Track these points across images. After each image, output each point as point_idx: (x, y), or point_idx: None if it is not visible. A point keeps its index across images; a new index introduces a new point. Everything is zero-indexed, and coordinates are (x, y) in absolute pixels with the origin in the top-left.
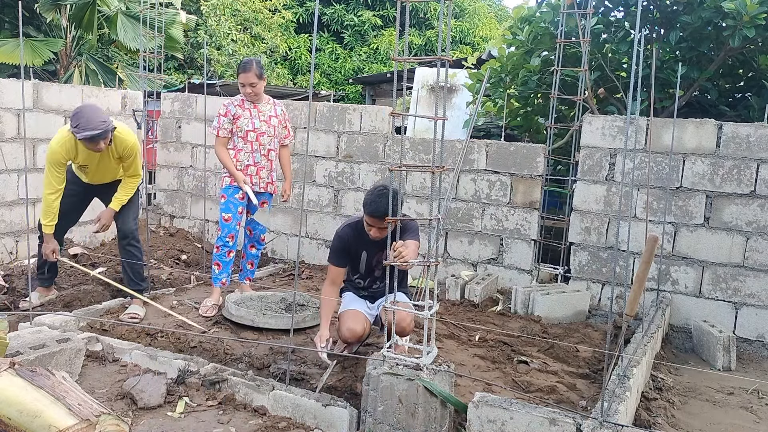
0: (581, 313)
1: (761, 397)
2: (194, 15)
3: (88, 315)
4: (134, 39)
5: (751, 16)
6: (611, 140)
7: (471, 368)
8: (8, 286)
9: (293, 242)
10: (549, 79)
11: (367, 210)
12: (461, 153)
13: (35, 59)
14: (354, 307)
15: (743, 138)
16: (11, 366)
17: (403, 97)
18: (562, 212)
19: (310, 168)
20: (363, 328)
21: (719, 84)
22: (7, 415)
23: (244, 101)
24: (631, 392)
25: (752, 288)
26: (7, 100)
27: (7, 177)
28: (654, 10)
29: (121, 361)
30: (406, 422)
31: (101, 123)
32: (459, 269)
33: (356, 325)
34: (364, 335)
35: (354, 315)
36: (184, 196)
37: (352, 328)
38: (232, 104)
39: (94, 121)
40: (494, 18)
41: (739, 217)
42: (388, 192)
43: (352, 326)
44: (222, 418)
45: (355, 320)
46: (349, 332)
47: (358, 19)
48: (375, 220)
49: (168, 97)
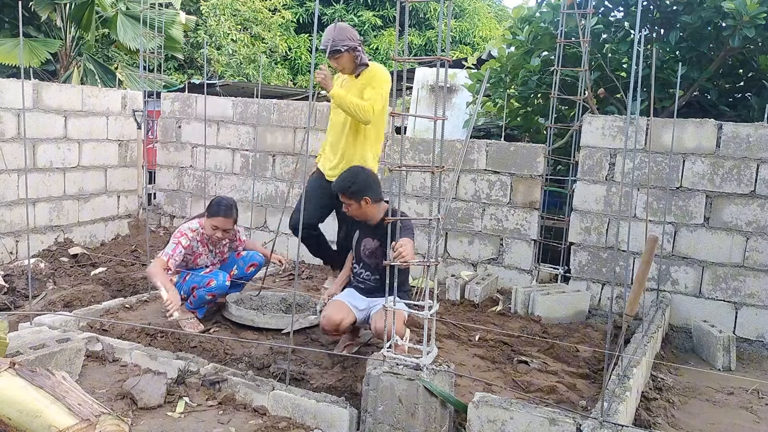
0: (581, 313)
1: (761, 397)
2: (194, 15)
3: (88, 315)
4: (134, 39)
5: (751, 16)
6: (611, 140)
7: (471, 368)
8: (8, 286)
9: (293, 242)
10: (549, 79)
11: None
12: (461, 153)
13: (34, 59)
14: (340, 298)
15: (743, 138)
16: (11, 366)
17: (403, 97)
18: (562, 212)
19: (310, 168)
20: (341, 318)
21: (719, 84)
22: (7, 415)
23: (204, 236)
24: (631, 392)
25: (752, 288)
26: (7, 100)
27: (7, 177)
28: (654, 10)
29: (121, 361)
30: (406, 422)
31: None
32: (459, 269)
33: (335, 315)
34: (341, 325)
35: (336, 305)
36: (184, 196)
37: (328, 316)
38: (195, 239)
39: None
40: (494, 18)
41: (739, 217)
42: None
43: (329, 314)
44: (222, 418)
45: (336, 310)
46: (325, 320)
47: (358, 19)
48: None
49: (168, 97)
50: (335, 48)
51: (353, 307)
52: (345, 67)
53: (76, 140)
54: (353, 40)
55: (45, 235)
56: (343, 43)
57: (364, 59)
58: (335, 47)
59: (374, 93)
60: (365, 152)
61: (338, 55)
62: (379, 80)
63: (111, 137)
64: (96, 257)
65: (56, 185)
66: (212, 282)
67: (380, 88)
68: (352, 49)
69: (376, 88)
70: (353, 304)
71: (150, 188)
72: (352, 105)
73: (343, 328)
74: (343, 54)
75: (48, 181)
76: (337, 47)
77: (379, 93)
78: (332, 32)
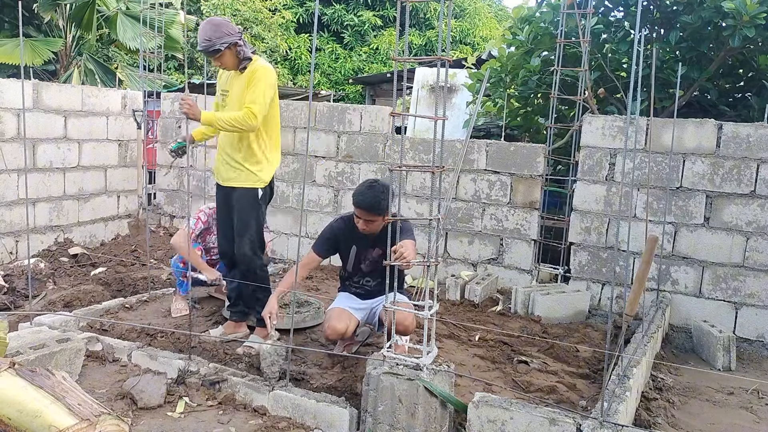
0: (581, 313)
1: (761, 397)
2: (194, 15)
3: (88, 315)
4: (134, 39)
5: (751, 16)
6: (611, 140)
7: (471, 368)
8: (8, 286)
9: (293, 242)
10: (549, 79)
11: (354, 201)
12: (461, 153)
13: (35, 59)
14: (340, 304)
15: (743, 138)
16: (11, 366)
17: (403, 97)
18: (562, 212)
19: (310, 168)
20: (345, 326)
21: (719, 84)
22: (7, 415)
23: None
24: (631, 392)
25: (752, 288)
26: (7, 100)
27: (7, 177)
28: (654, 10)
29: (121, 361)
30: (406, 422)
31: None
32: (459, 269)
33: (338, 324)
34: (347, 333)
35: (338, 313)
36: (184, 196)
37: (333, 326)
38: (212, 217)
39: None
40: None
41: (739, 217)
42: (377, 185)
43: (333, 324)
44: (222, 418)
45: (339, 318)
46: (330, 329)
47: (358, 19)
48: (362, 212)
49: (168, 97)
50: (214, 48)
51: (353, 311)
52: (228, 64)
53: (76, 140)
54: (232, 35)
55: (45, 235)
56: (221, 40)
57: (247, 53)
58: (213, 47)
59: (253, 94)
60: (248, 153)
61: (218, 54)
62: (258, 77)
63: (111, 137)
64: (96, 257)
65: (56, 185)
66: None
67: (259, 85)
68: (232, 45)
69: (255, 86)
70: (353, 307)
71: (150, 188)
72: (229, 121)
73: (348, 334)
74: (224, 52)
75: (48, 181)
76: (215, 47)
77: (260, 92)
78: (208, 30)
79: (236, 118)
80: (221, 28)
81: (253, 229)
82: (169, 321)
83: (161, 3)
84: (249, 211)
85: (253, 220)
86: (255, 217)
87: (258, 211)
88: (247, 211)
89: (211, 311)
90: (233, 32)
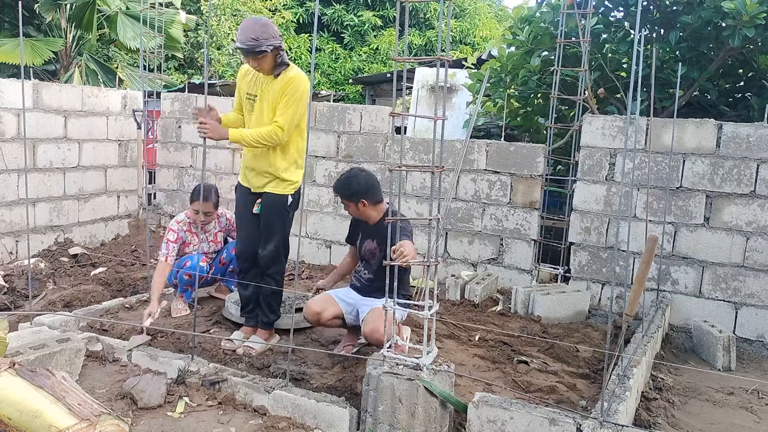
0: (581, 313)
1: (761, 397)
2: (194, 15)
3: (88, 315)
4: (134, 39)
5: (751, 16)
6: (611, 140)
7: (471, 368)
8: (8, 286)
9: (293, 242)
10: (549, 79)
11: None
12: (461, 153)
13: (35, 59)
14: (331, 291)
15: (743, 138)
16: (11, 366)
17: (403, 97)
18: (562, 212)
19: (310, 168)
20: (322, 308)
21: (719, 84)
22: (7, 415)
23: (191, 225)
24: (631, 392)
25: (752, 288)
26: (7, 100)
27: (7, 177)
28: (654, 10)
29: (121, 361)
30: (406, 422)
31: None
32: (459, 269)
33: (315, 305)
34: (322, 316)
35: (321, 297)
36: (184, 196)
37: (309, 306)
38: (182, 230)
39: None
40: (494, 18)
41: (739, 217)
42: (354, 172)
43: (310, 304)
44: (222, 418)
45: (318, 301)
46: (306, 309)
47: (358, 19)
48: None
49: (168, 97)
50: (260, 49)
51: (339, 300)
52: (265, 67)
53: (76, 140)
54: (277, 38)
55: (45, 235)
56: (268, 42)
57: (285, 58)
58: (260, 47)
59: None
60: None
61: (262, 55)
62: (294, 87)
63: (111, 137)
64: (96, 257)
65: (56, 185)
66: (187, 263)
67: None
68: (276, 48)
69: (290, 105)
70: (341, 297)
71: (150, 188)
72: (257, 139)
73: (324, 320)
74: (267, 54)
75: (48, 181)
76: (262, 47)
77: (292, 106)
78: (257, 30)
79: (263, 135)
80: (268, 29)
81: (279, 235)
82: (169, 321)
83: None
84: (277, 218)
85: (280, 227)
86: (282, 223)
87: (286, 218)
88: (275, 217)
89: (211, 311)
90: (278, 35)
